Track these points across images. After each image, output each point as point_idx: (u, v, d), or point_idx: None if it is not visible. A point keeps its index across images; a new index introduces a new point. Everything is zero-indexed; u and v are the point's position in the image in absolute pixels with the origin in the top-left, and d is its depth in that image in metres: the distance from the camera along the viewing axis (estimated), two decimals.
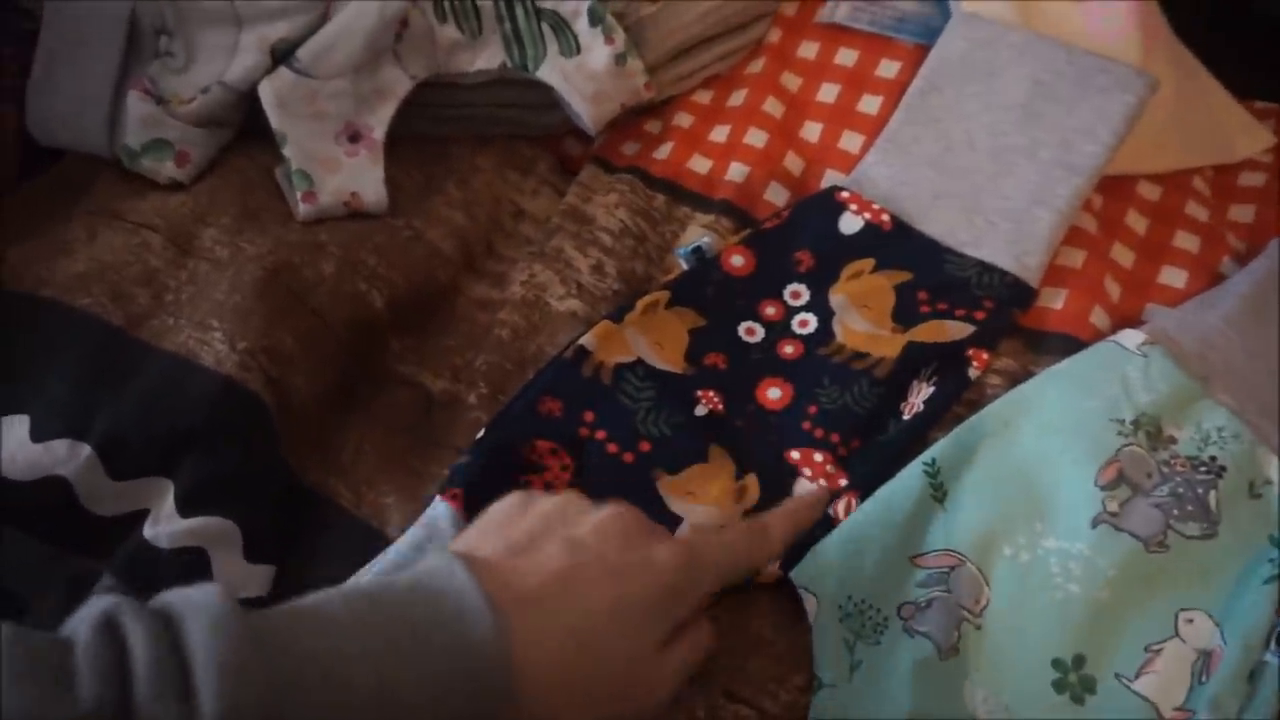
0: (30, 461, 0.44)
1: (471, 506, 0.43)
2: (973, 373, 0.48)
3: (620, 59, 0.57)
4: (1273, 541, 0.41)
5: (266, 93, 0.54)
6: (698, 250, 0.54)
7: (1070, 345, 0.49)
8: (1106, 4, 0.56)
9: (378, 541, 0.45)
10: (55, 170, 0.56)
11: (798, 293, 0.53)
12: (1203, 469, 0.43)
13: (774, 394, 0.48)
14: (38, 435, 0.44)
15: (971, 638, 0.40)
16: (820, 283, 0.53)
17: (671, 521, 0.44)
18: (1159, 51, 0.58)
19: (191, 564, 0.43)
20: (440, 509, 0.43)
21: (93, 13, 0.54)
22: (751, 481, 0.45)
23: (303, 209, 0.53)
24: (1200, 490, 0.42)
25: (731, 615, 0.42)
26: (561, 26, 0.58)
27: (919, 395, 0.47)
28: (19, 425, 0.45)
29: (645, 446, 0.46)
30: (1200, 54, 0.61)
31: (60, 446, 0.44)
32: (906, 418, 0.47)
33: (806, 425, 0.46)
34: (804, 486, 0.45)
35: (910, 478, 0.44)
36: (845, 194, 0.55)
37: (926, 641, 0.40)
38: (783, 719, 0.40)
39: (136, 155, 0.54)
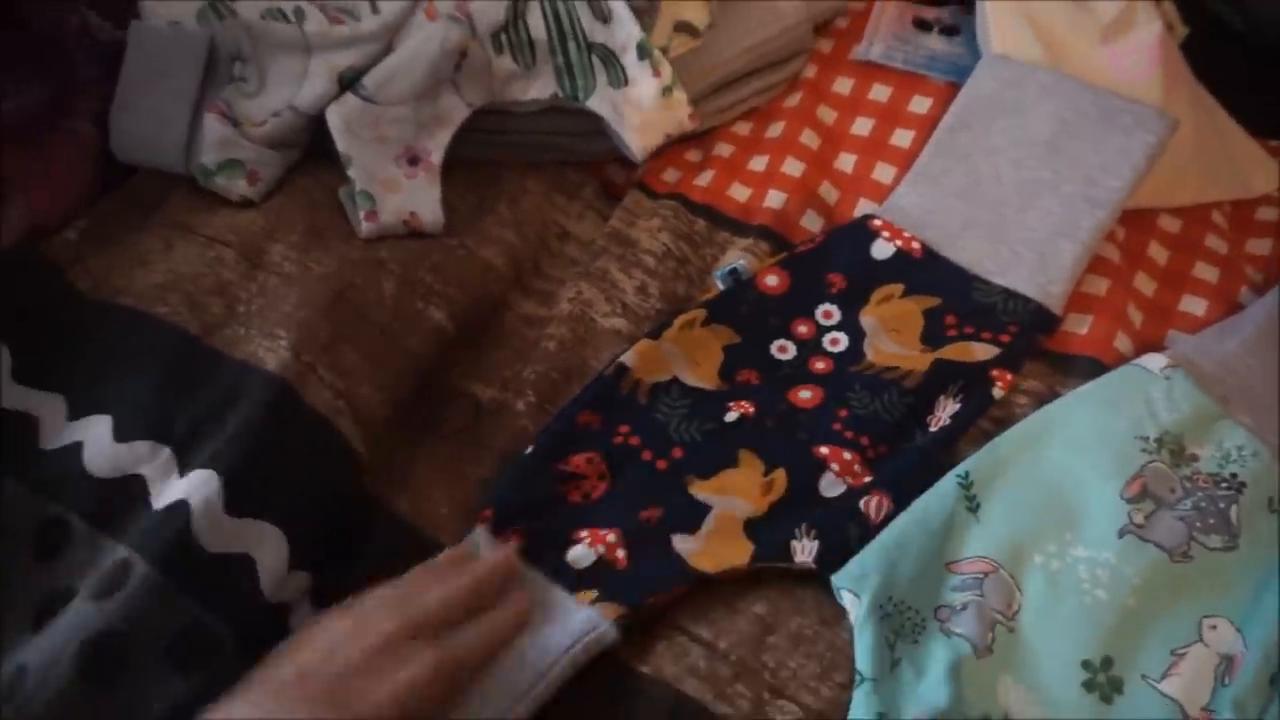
0: (113, 459, 0.47)
1: (507, 521, 0.46)
2: (996, 392, 0.51)
3: (666, 91, 0.61)
4: None
5: (334, 117, 0.57)
6: (734, 271, 0.57)
7: (1095, 368, 0.51)
8: (1130, 47, 0.59)
9: (430, 547, 0.47)
10: (129, 186, 0.59)
11: (829, 313, 0.55)
12: (1224, 485, 0.45)
13: (805, 395, 0.51)
14: (121, 435, 0.47)
15: (1004, 640, 0.42)
16: (851, 304, 0.55)
17: (701, 511, 0.46)
18: (1180, 92, 0.61)
19: (233, 568, 0.44)
20: (480, 534, 0.46)
21: (174, 40, 0.58)
22: (779, 475, 0.48)
23: (365, 227, 0.56)
24: (1222, 505, 0.45)
25: (776, 615, 0.45)
26: (611, 59, 0.61)
27: (945, 410, 0.50)
28: (102, 424, 0.48)
29: (678, 453, 0.49)
30: (1218, 95, 0.64)
31: (143, 447, 0.47)
32: (933, 430, 0.49)
33: (837, 426, 0.49)
34: (830, 481, 0.47)
35: (945, 489, 0.46)
36: (878, 221, 0.58)
37: (963, 642, 0.42)
38: (825, 714, 0.42)
39: (211, 174, 0.57)
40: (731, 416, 0.50)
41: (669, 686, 0.43)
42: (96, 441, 0.47)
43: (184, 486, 0.45)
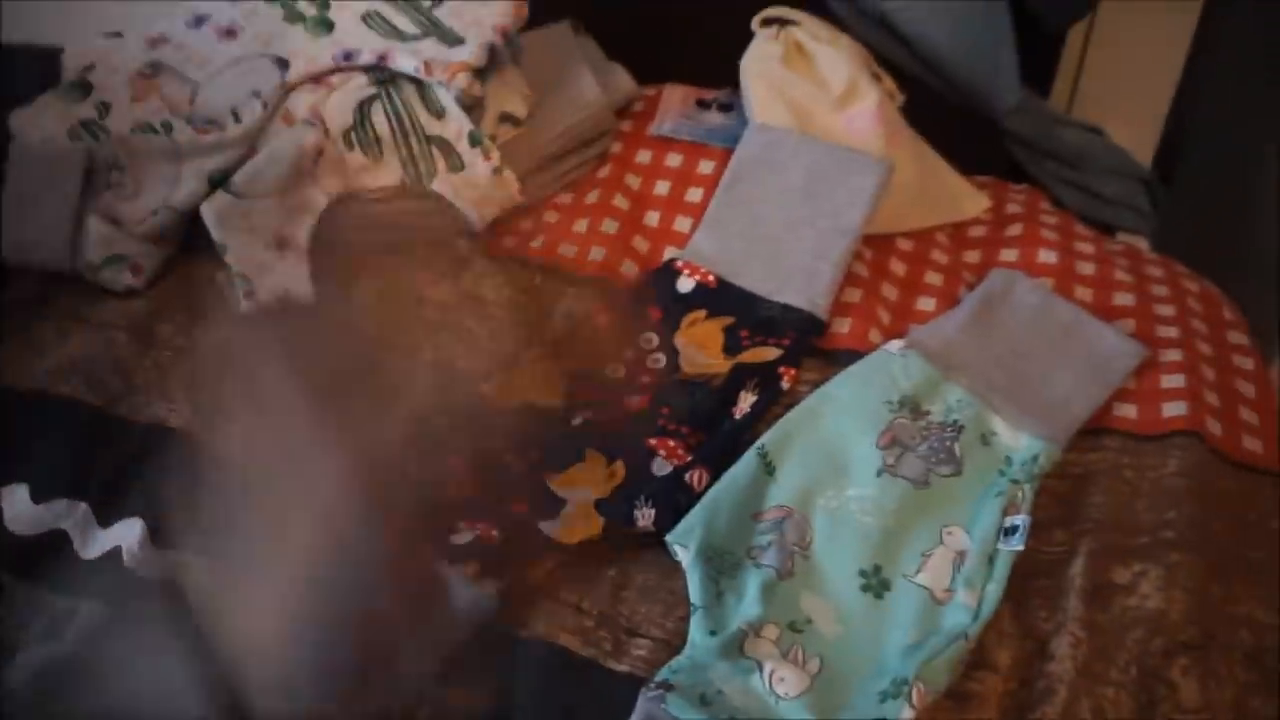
0: (33, 519, 0.53)
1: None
2: (784, 385, 0.64)
3: (497, 171, 0.73)
4: (999, 472, 0.58)
5: (208, 212, 0.66)
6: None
7: (856, 358, 0.65)
8: (857, 112, 0.76)
9: None
10: (19, 287, 0.65)
11: (650, 339, 0.68)
12: (949, 429, 0.60)
13: (634, 400, 0.63)
14: (39, 497, 0.53)
15: (801, 565, 0.54)
16: (667, 330, 0.68)
17: (558, 503, 0.57)
18: (900, 143, 0.78)
19: (165, 593, 0.50)
20: None
21: (54, 155, 0.65)
22: (619, 466, 0.59)
23: (244, 304, 0.65)
24: (948, 444, 0.59)
25: (626, 576, 0.55)
26: (448, 148, 0.73)
27: (745, 402, 0.63)
28: (19, 491, 0.54)
29: (534, 455, 0.59)
30: (934, 143, 0.82)
31: (60, 504, 0.53)
32: (738, 417, 0.62)
33: (661, 421, 0.61)
34: (660, 464, 0.59)
35: (748, 459, 0.58)
36: (680, 263, 0.71)
37: (770, 570, 0.54)
38: (670, 642, 0.52)
39: (98, 268, 0.64)
40: (577, 421, 0.61)
41: (544, 642, 0.52)
42: (15, 506, 0.53)
43: (113, 535, 0.52)
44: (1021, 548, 0.53)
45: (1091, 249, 0.75)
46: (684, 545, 0.54)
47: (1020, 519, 0.54)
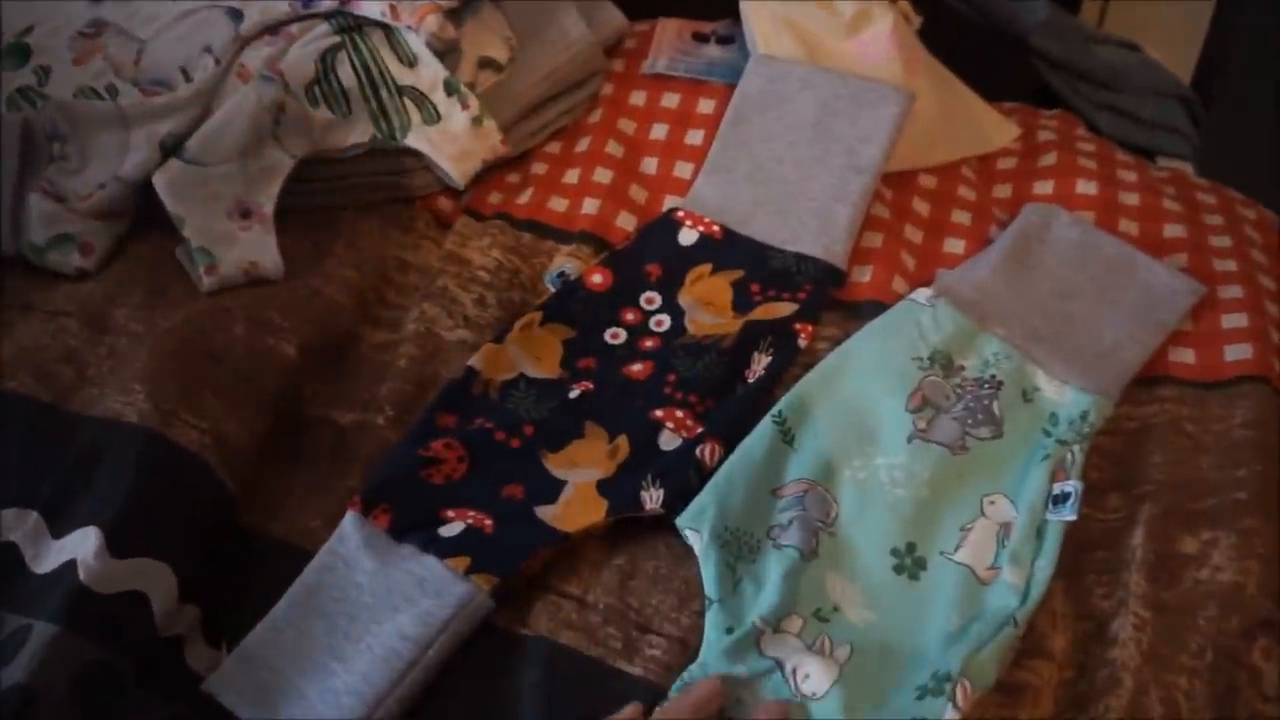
0: None
1: (373, 501, 0.49)
2: (801, 342, 0.58)
3: (477, 121, 0.66)
4: (1044, 432, 0.52)
5: (161, 183, 0.60)
6: (562, 274, 0.63)
7: (879, 310, 0.59)
8: (870, 38, 0.69)
9: (306, 559, 0.50)
10: None
11: (651, 299, 0.62)
12: (986, 386, 0.54)
13: (637, 368, 0.57)
14: None
15: (827, 543, 0.49)
16: (669, 288, 0.62)
17: (556, 486, 0.51)
18: (919, 71, 0.71)
19: (126, 606, 0.45)
20: (347, 519, 0.49)
21: None
22: (622, 441, 0.53)
23: (207, 281, 0.59)
24: (986, 402, 0.53)
25: (634, 563, 0.50)
26: (421, 99, 0.66)
27: (759, 364, 0.57)
28: None
29: (529, 430, 0.54)
30: (957, 70, 0.75)
31: (9, 514, 0.48)
32: (751, 381, 0.56)
33: (667, 390, 0.55)
34: (667, 437, 0.53)
35: (763, 428, 0.53)
36: (681, 213, 0.65)
37: (792, 550, 0.48)
38: (686, 639, 0.47)
39: (42, 251, 0.59)
40: (574, 393, 0.55)
41: (546, 641, 0.47)
42: None
43: (67, 547, 0.47)
44: (1074, 517, 0.47)
45: (1135, 177, 0.68)
46: (696, 529, 0.49)
47: (1071, 484, 0.48)
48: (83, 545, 0.46)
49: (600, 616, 0.48)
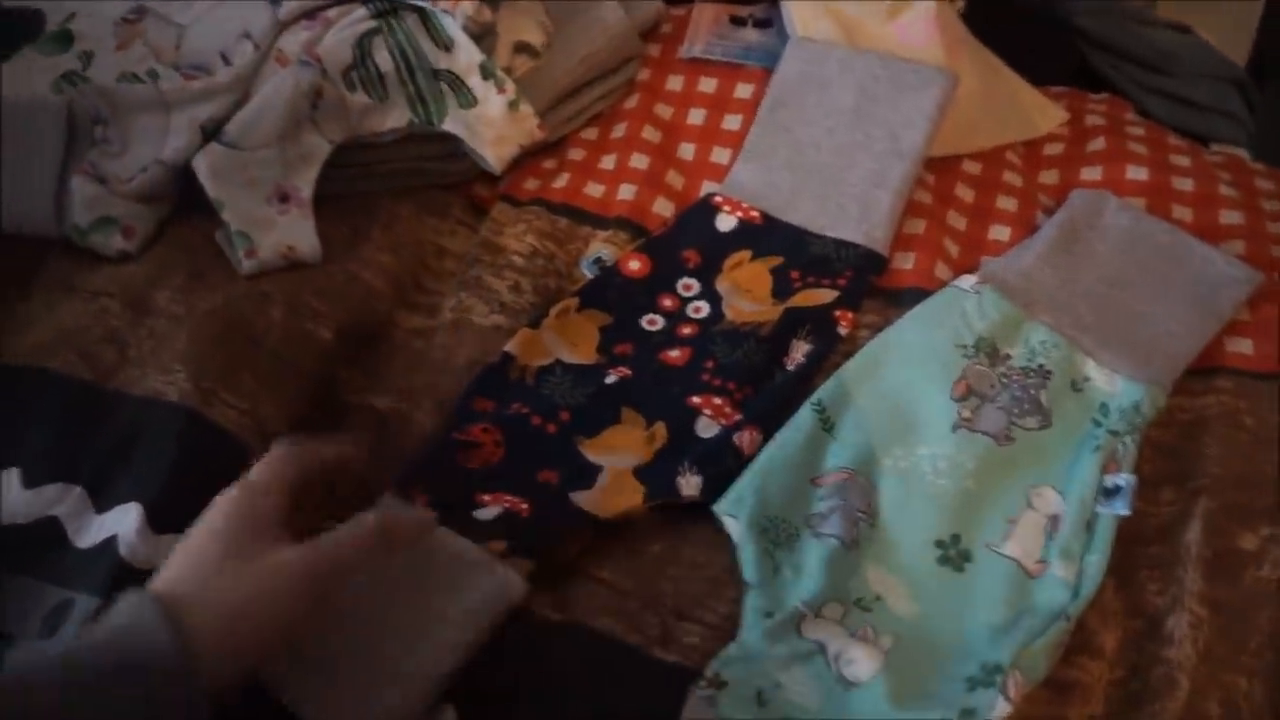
0: (24, 505, 0.48)
1: (409, 483, 0.49)
2: (841, 330, 0.57)
3: (513, 105, 0.66)
4: (1094, 423, 0.51)
5: (201, 166, 0.60)
6: (598, 260, 0.62)
7: (922, 297, 0.58)
8: (911, 19, 0.68)
9: None
10: (3, 257, 0.60)
11: (689, 285, 0.61)
12: (1034, 375, 0.52)
13: (675, 354, 0.56)
14: (30, 482, 0.49)
15: (868, 534, 0.48)
16: (707, 274, 0.61)
17: (592, 471, 0.51)
18: (962, 53, 0.69)
19: None
20: (383, 501, 0.49)
21: (32, 111, 0.60)
22: (659, 428, 0.53)
23: (246, 264, 0.59)
24: (1033, 392, 0.52)
25: (671, 551, 0.49)
26: (458, 83, 0.66)
27: (799, 351, 0.56)
28: (10, 476, 0.49)
29: (565, 416, 0.53)
30: (1000, 53, 0.73)
31: (52, 490, 0.49)
32: (790, 369, 0.55)
33: (705, 376, 0.54)
34: (705, 424, 0.52)
35: (802, 416, 0.52)
36: (719, 198, 0.64)
37: (832, 539, 0.47)
38: (722, 627, 0.47)
39: (85, 233, 0.59)
40: (611, 379, 0.55)
41: (583, 626, 0.47)
42: (7, 491, 0.49)
43: (108, 523, 0.47)
44: (1128, 511, 0.45)
45: (1189, 162, 0.66)
46: (734, 516, 0.48)
47: (1124, 477, 0.46)
48: (124, 521, 0.47)
49: (637, 603, 0.48)
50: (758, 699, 0.41)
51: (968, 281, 0.56)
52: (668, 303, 0.60)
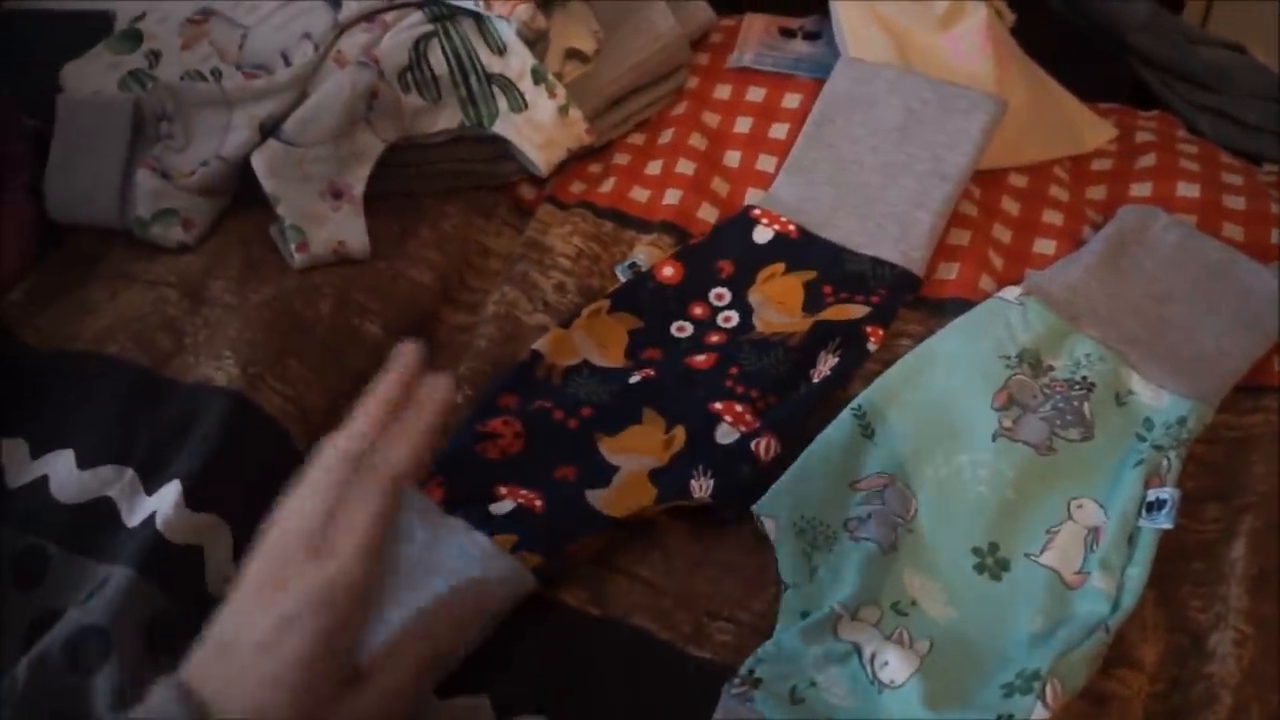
0: (78, 486, 0.50)
1: (429, 475, 0.50)
2: (871, 346, 0.57)
3: (563, 110, 0.67)
4: (1138, 437, 0.50)
5: (259, 162, 0.62)
6: (633, 265, 0.63)
7: (964, 308, 0.58)
8: (962, 33, 0.68)
9: None
10: (69, 246, 0.63)
11: (721, 295, 0.61)
12: (1077, 387, 0.52)
13: (700, 358, 0.56)
14: (84, 463, 0.50)
15: (906, 539, 0.48)
16: (740, 285, 0.61)
17: (608, 471, 0.51)
18: (1012, 68, 0.69)
19: (189, 558, 0.47)
20: (402, 489, 0.49)
21: (102, 107, 0.62)
22: (679, 432, 0.53)
23: (298, 258, 0.61)
24: (1076, 403, 0.51)
25: (706, 551, 0.50)
26: (509, 87, 0.67)
27: (826, 364, 0.56)
28: (65, 457, 0.51)
29: (587, 412, 0.54)
30: (1050, 68, 0.73)
31: (106, 471, 0.50)
32: (815, 381, 0.55)
33: (729, 383, 0.54)
34: (724, 431, 0.53)
35: (842, 420, 0.52)
36: (757, 211, 0.64)
37: (870, 544, 0.47)
38: (756, 626, 0.47)
39: (147, 224, 0.61)
40: (635, 379, 0.55)
41: (621, 622, 0.47)
42: (61, 472, 0.50)
43: (153, 502, 0.48)
44: (1170, 525, 0.45)
45: (1240, 180, 0.65)
46: (772, 516, 0.49)
47: (1168, 492, 0.46)
48: (165, 497, 0.48)
49: (671, 601, 0.48)
50: (791, 697, 0.41)
51: (1012, 293, 0.56)
52: (698, 310, 0.61)
